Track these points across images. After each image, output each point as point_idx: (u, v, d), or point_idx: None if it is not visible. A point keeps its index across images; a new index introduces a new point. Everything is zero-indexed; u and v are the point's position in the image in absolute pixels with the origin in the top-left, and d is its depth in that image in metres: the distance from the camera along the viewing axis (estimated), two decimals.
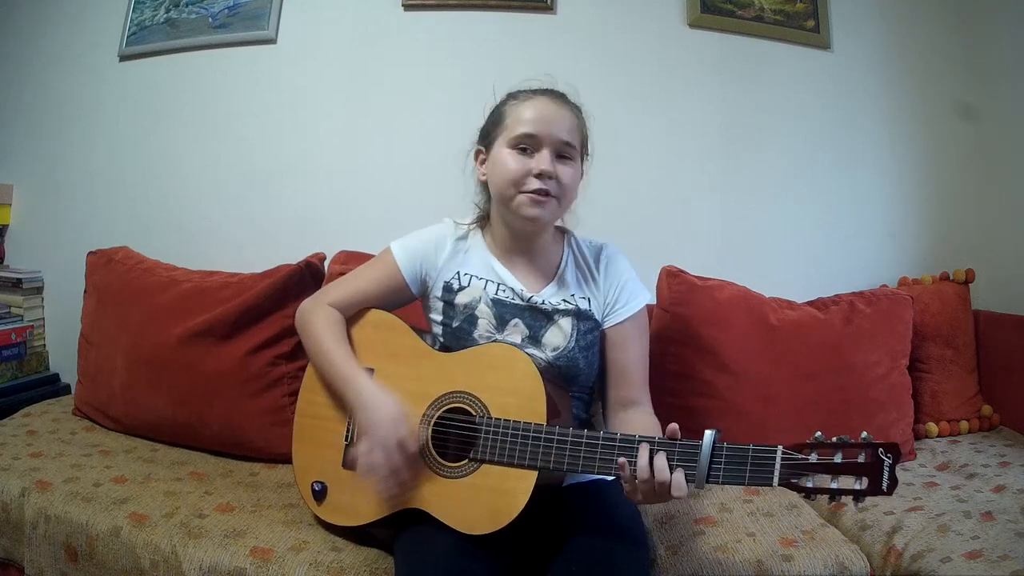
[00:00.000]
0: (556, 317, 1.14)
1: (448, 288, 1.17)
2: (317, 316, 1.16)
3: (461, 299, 1.15)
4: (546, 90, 1.13)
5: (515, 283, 1.16)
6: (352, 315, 1.18)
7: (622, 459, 0.92)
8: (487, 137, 1.16)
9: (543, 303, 1.15)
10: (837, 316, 1.54)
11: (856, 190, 1.89)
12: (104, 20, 1.96)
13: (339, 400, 1.13)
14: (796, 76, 1.88)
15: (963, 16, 1.91)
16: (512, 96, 1.15)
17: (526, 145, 1.09)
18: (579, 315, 1.15)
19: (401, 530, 1.04)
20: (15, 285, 1.90)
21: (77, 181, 1.97)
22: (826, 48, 1.89)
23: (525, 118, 1.09)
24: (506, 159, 1.09)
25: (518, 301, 1.15)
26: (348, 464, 1.11)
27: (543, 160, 1.07)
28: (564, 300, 1.16)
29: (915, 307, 1.62)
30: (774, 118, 1.87)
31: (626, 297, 1.18)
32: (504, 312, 1.14)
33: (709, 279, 1.56)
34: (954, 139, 1.91)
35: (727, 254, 1.85)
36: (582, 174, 1.16)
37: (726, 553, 1.14)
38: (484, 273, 1.17)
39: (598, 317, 1.17)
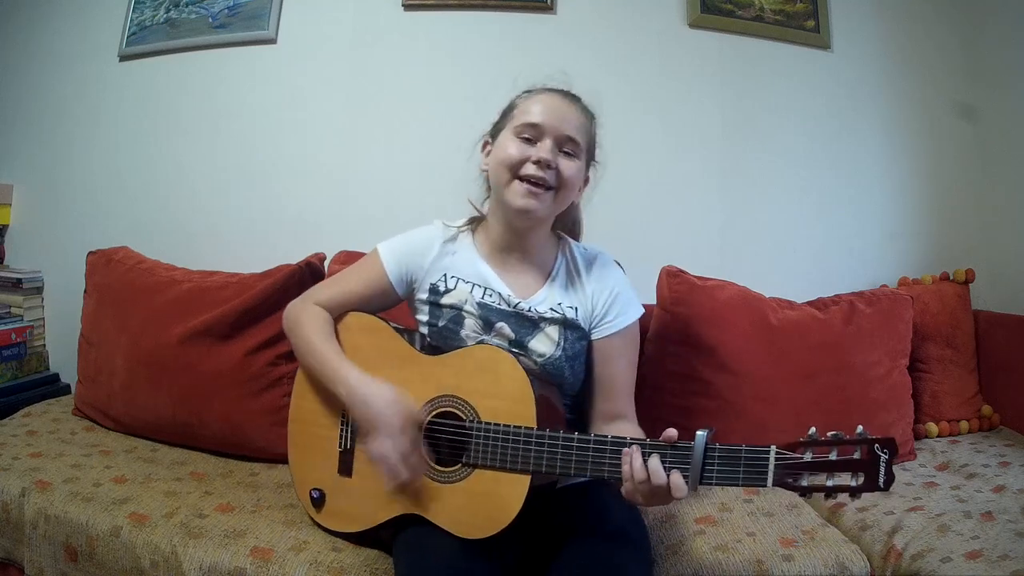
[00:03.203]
0: (543, 325, 1.13)
1: (434, 290, 1.15)
2: (305, 316, 1.15)
3: (447, 301, 1.14)
4: (560, 89, 1.14)
5: (502, 288, 1.14)
6: (334, 318, 1.17)
7: (625, 451, 0.91)
8: (496, 129, 1.16)
9: (529, 310, 1.13)
10: (837, 316, 1.54)
11: (856, 190, 1.89)
12: (104, 20, 1.96)
13: (329, 403, 1.13)
14: (796, 76, 1.88)
15: (963, 16, 1.91)
16: (527, 92, 1.15)
17: (530, 135, 1.08)
18: (566, 324, 1.13)
19: (401, 530, 1.03)
20: (15, 285, 1.90)
21: (77, 181, 1.97)
22: (826, 48, 1.89)
23: (532, 109, 1.09)
24: (508, 144, 1.09)
25: (504, 307, 1.13)
26: (343, 470, 1.11)
27: (544, 148, 1.06)
28: (552, 308, 1.13)
29: (915, 307, 1.62)
30: (774, 118, 1.87)
31: (616, 311, 1.14)
32: (490, 315, 1.13)
33: (709, 279, 1.56)
34: (954, 139, 1.91)
35: (727, 254, 1.85)
36: (586, 177, 1.16)
37: (726, 553, 1.14)
38: (470, 277, 1.15)
39: (584, 327, 1.15)
